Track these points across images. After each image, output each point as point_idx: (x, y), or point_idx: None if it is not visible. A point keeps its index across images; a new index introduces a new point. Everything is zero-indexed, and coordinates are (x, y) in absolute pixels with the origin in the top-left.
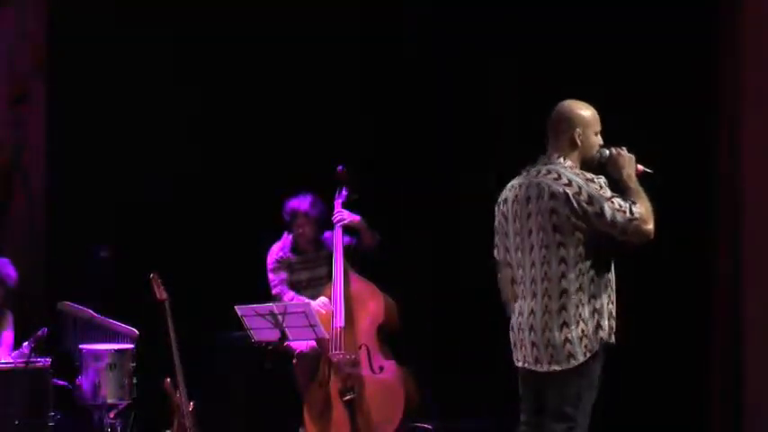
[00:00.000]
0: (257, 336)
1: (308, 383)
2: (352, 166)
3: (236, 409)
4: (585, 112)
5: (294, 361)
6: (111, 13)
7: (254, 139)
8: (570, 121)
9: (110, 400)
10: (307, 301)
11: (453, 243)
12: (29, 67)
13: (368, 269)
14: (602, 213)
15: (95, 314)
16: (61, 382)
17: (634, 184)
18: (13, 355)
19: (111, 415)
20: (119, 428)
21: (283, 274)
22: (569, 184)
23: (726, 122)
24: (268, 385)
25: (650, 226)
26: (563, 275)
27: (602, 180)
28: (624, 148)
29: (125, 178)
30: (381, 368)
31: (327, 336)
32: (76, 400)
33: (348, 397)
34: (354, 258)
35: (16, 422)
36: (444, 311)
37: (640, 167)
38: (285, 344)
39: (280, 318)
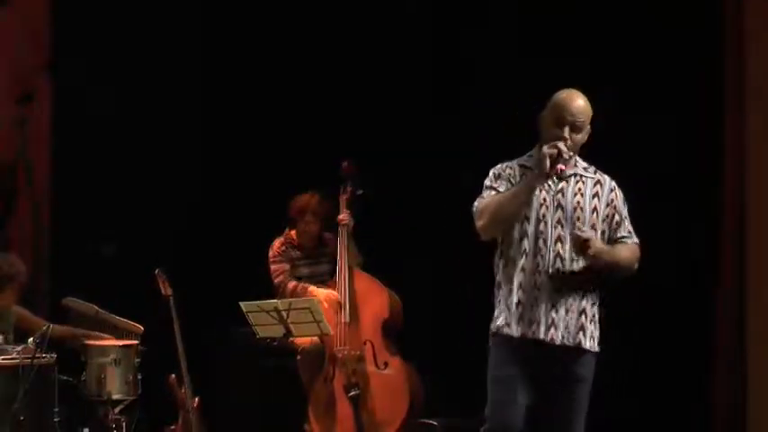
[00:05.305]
0: (262, 332)
1: (312, 380)
2: (357, 161)
3: (241, 404)
4: (556, 97)
5: (298, 357)
6: (115, 11)
7: (258, 135)
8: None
9: (114, 396)
10: (313, 295)
11: (456, 239)
12: (34, 65)
13: (372, 265)
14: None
15: (100, 310)
16: (66, 378)
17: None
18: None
19: (116, 410)
20: (123, 424)
21: (286, 266)
22: None
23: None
24: (272, 381)
25: (479, 222)
26: None
27: (507, 172)
28: (553, 144)
29: (130, 174)
30: (386, 364)
31: (332, 332)
32: (81, 395)
33: (353, 393)
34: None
35: (21, 418)
36: (449, 307)
37: (560, 167)
38: (290, 340)
39: (284, 314)
